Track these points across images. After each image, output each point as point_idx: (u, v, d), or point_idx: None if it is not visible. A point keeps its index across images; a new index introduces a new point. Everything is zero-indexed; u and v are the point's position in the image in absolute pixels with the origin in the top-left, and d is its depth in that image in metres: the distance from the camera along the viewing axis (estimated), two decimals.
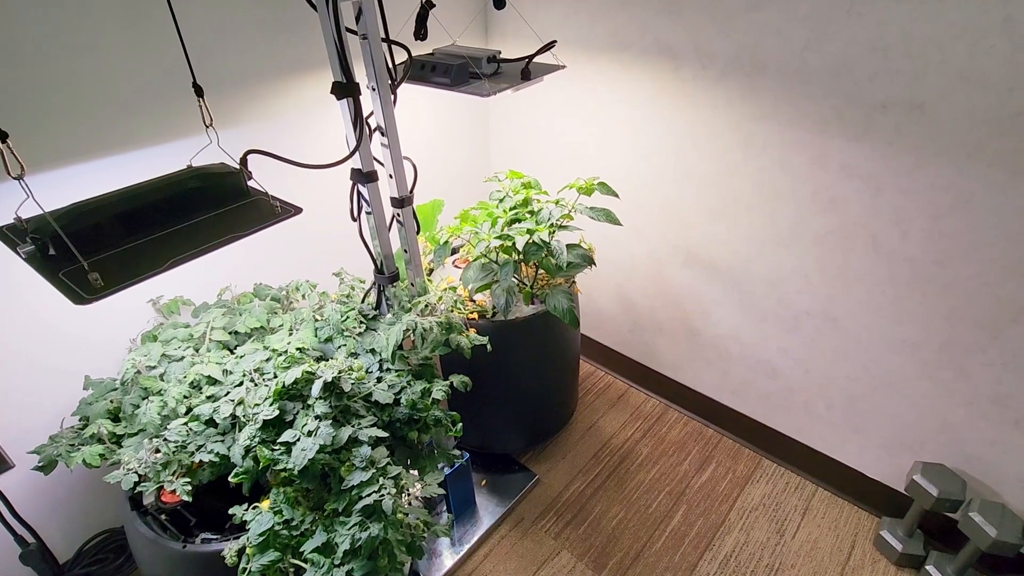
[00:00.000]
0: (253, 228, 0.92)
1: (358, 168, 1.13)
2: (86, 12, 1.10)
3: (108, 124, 1.19)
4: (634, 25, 1.54)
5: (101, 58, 1.14)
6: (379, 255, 1.25)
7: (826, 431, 1.68)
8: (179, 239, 0.89)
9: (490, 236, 1.38)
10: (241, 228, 0.92)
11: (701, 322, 1.83)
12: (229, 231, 0.91)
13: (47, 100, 1.10)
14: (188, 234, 0.90)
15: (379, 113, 1.12)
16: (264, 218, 0.95)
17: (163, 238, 0.89)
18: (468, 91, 1.21)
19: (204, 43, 1.27)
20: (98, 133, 1.18)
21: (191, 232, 0.91)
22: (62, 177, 1.16)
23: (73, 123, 1.14)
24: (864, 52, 1.21)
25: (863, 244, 1.38)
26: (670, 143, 1.62)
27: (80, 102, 1.14)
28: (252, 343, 1.25)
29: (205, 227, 0.92)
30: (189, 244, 0.87)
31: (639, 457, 1.88)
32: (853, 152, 1.31)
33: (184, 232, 0.91)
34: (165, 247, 0.87)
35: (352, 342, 1.24)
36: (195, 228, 0.91)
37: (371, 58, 1.05)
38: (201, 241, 0.88)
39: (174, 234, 0.90)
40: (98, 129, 1.18)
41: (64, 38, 1.09)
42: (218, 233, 0.90)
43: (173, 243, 0.88)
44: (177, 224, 0.91)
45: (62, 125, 1.13)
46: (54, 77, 1.10)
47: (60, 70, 1.10)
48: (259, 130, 1.44)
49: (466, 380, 1.29)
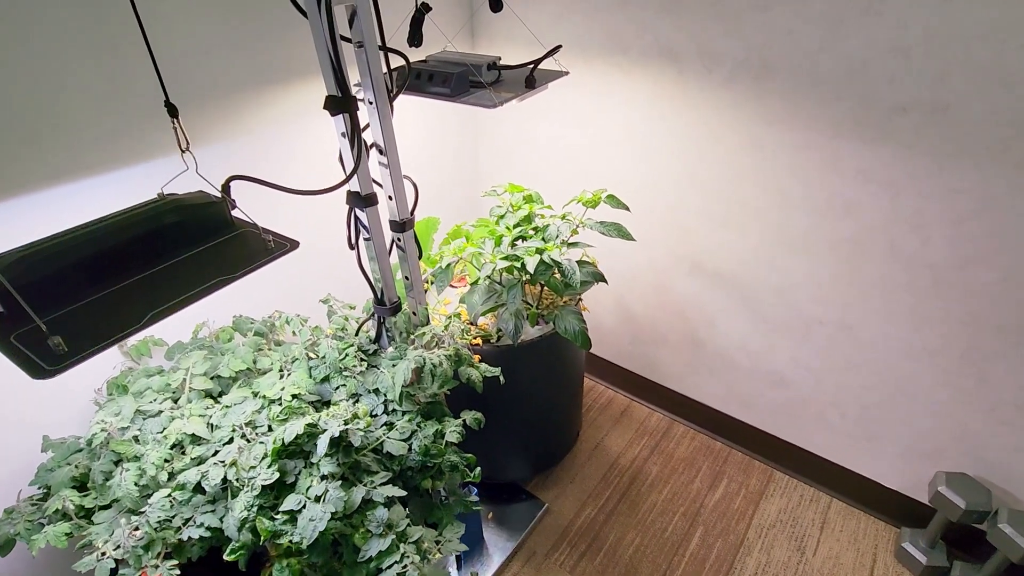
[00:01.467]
0: (244, 269, 0.79)
1: (356, 191, 1.01)
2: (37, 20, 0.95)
3: (63, 146, 1.03)
4: (632, 26, 1.46)
5: (51, 66, 0.99)
6: (379, 285, 1.13)
7: (840, 441, 1.64)
8: (157, 285, 0.76)
9: (495, 257, 1.28)
10: (230, 268, 0.80)
11: (706, 332, 1.77)
12: (216, 273, 0.78)
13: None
14: (167, 279, 0.77)
15: (376, 129, 1.01)
16: (255, 255, 0.83)
17: (138, 285, 0.75)
18: (472, 102, 1.11)
19: (183, 53, 1.13)
20: (51, 157, 1.02)
21: (170, 276, 0.78)
22: (6, 213, 1.00)
23: (17, 146, 0.98)
24: (883, 53, 1.16)
25: (880, 250, 1.34)
26: (672, 149, 1.55)
27: (28, 121, 0.98)
28: (239, 389, 1.11)
29: (187, 269, 0.79)
30: (170, 292, 0.74)
31: (649, 477, 1.81)
32: (870, 156, 1.26)
33: (162, 276, 0.77)
34: (141, 296, 0.73)
35: (353, 382, 1.12)
36: (175, 271, 0.78)
37: (368, 68, 0.94)
38: (184, 287, 0.75)
39: (151, 280, 0.76)
40: (51, 153, 1.02)
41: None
42: (203, 276, 0.78)
43: (150, 291, 0.75)
44: (153, 267, 0.78)
45: (4, 148, 0.97)
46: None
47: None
48: (243, 144, 1.29)
49: (479, 417, 1.18)
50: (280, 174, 1.39)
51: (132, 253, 0.78)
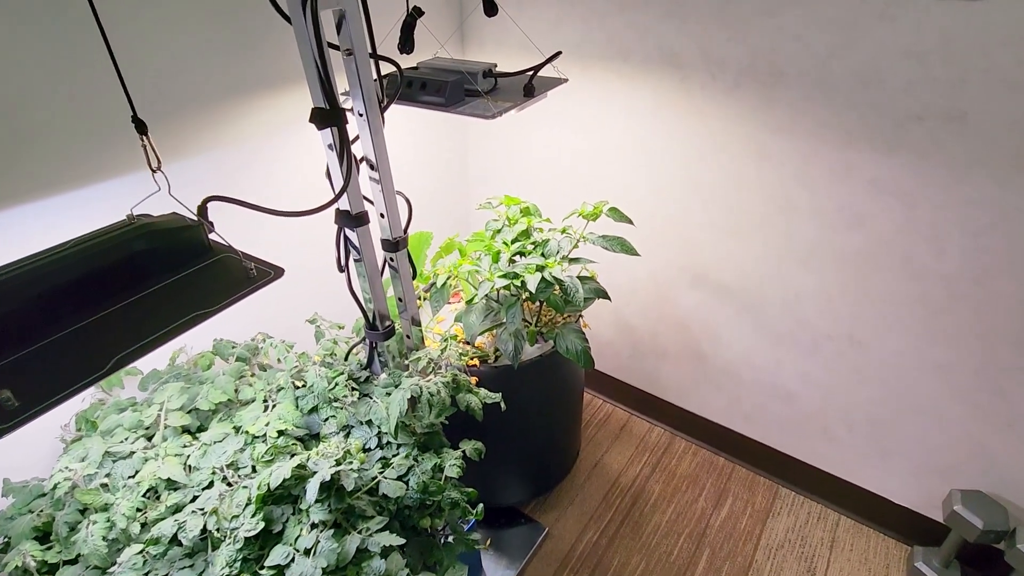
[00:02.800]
0: (222, 302, 0.71)
1: (345, 210, 0.94)
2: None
3: (25, 161, 0.94)
4: (634, 31, 1.40)
5: (12, 79, 0.90)
6: (371, 308, 1.06)
7: (848, 457, 1.59)
8: (125, 322, 0.67)
9: (493, 275, 1.21)
10: (206, 300, 0.72)
11: (709, 346, 1.72)
12: (191, 306, 0.70)
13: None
14: (136, 314, 0.69)
15: (367, 142, 0.93)
16: (234, 284, 0.75)
17: (103, 322, 0.67)
18: (468, 112, 1.04)
19: (161, 63, 1.04)
20: (11, 173, 0.93)
21: (140, 311, 0.69)
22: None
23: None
24: (897, 59, 1.11)
25: (893, 263, 1.29)
26: (675, 157, 1.49)
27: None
28: (219, 423, 1.03)
29: (158, 302, 0.71)
30: (139, 330, 0.66)
31: (652, 496, 1.75)
32: (883, 166, 1.21)
33: (130, 312, 0.69)
34: (106, 336, 0.65)
35: (343, 414, 1.04)
36: (144, 305, 0.70)
37: (358, 78, 0.86)
38: (155, 323, 0.67)
39: (117, 316, 0.68)
40: (12, 168, 0.93)
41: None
42: (176, 310, 0.69)
43: (117, 329, 0.66)
44: (120, 301, 0.70)
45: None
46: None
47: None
48: (225, 157, 1.20)
49: (479, 447, 1.11)
50: (264, 190, 1.31)
51: (95, 286, 0.69)
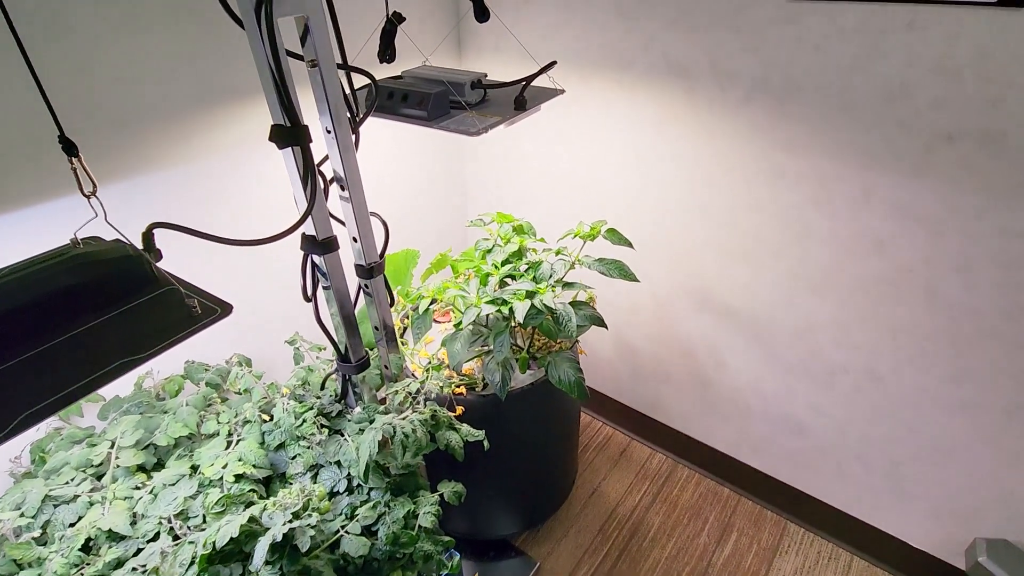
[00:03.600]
0: (154, 348, 0.63)
1: (311, 235, 0.85)
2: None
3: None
4: (637, 38, 1.31)
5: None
6: (342, 340, 0.97)
7: (863, 495, 1.49)
8: (39, 371, 0.59)
9: (480, 300, 1.12)
10: (139, 344, 0.63)
11: (715, 372, 1.62)
12: (120, 351, 0.62)
13: None
14: (55, 360, 0.61)
15: (336, 162, 0.85)
16: (172, 325, 0.67)
17: (14, 371, 0.59)
18: (451, 128, 0.95)
19: (108, 72, 0.97)
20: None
21: (60, 356, 0.61)
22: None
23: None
24: (926, 73, 1.01)
25: (917, 293, 1.19)
26: (680, 175, 1.39)
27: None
28: (176, 461, 0.95)
29: (81, 347, 0.63)
30: (54, 381, 0.58)
31: (651, 528, 1.65)
32: (908, 189, 1.11)
33: (49, 357, 0.61)
34: (14, 387, 0.57)
35: (310, 454, 0.96)
36: (64, 350, 0.62)
37: (324, 91, 0.78)
38: (73, 373, 0.59)
39: (32, 363, 0.60)
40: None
41: None
42: (103, 356, 0.61)
43: (29, 378, 0.58)
44: (38, 345, 0.62)
45: None
46: None
47: None
48: (180, 175, 1.12)
49: (459, 490, 1.02)
50: (226, 210, 1.22)
51: (13, 326, 0.62)
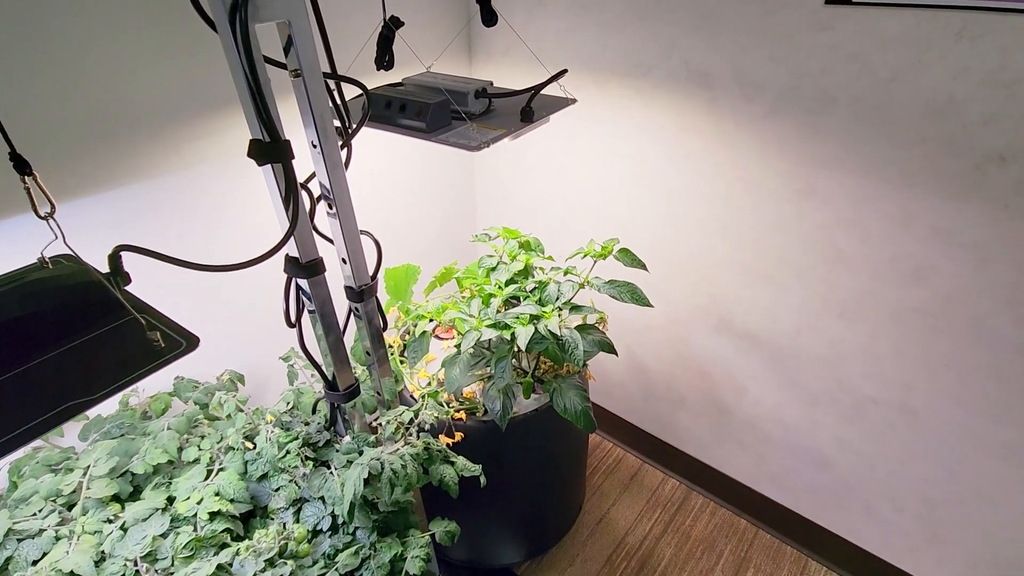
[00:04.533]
0: (106, 389, 0.57)
1: (295, 257, 0.79)
2: None
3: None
4: (656, 43, 1.22)
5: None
6: (330, 367, 0.91)
7: (893, 538, 1.38)
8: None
9: (482, 323, 1.05)
10: (92, 383, 0.58)
11: (733, 398, 1.52)
12: (71, 391, 0.56)
13: None
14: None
15: (324, 178, 0.79)
16: (132, 360, 0.61)
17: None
18: (450, 142, 0.88)
19: (78, 76, 0.91)
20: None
21: (4, 395, 0.56)
22: None
23: None
24: (977, 87, 0.91)
25: (959, 326, 1.08)
26: (700, 191, 1.31)
27: None
28: (152, 491, 0.90)
29: (29, 386, 0.57)
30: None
31: (662, 561, 1.56)
32: (952, 213, 1.01)
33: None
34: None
35: (293, 488, 0.89)
36: (8, 389, 0.56)
37: (308, 103, 0.72)
38: (14, 419, 0.53)
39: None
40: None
41: None
42: (47, 399, 0.56)
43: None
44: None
45: None
46: None
47: None
48: (157, 189, 1.04)
49: (452, 530, 0.95)
50: (206, 225, 1.16)
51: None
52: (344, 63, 1.14)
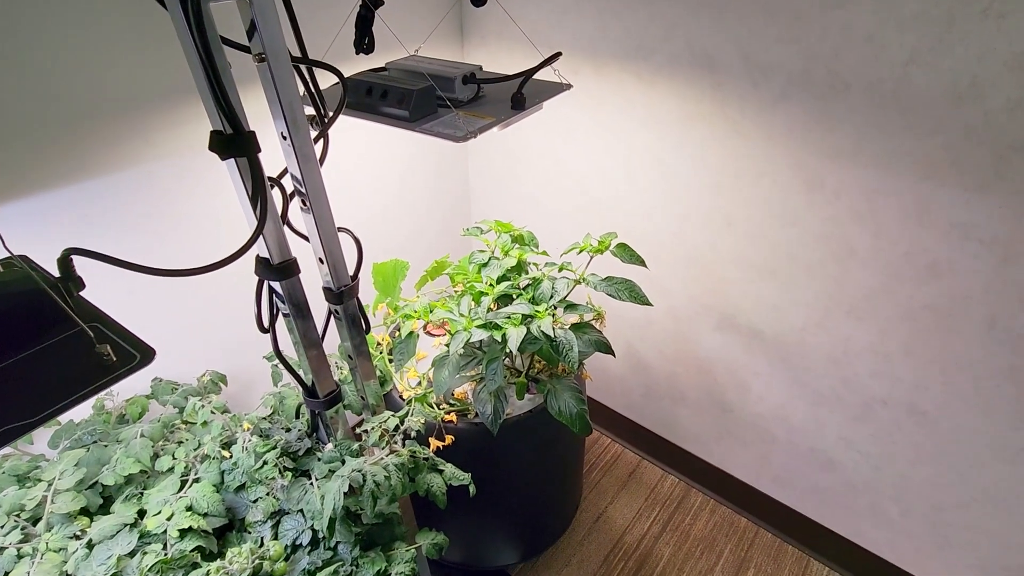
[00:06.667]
0: (49, 408, 0.52)
1: (265, 258, 0.73)
2: None
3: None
4: (659, 26, 1.15)
5: None
6: (308, 374, 0.86)
7: (899, 540, 1.34)
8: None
9: (471, 323, 1.00)
10: (32, 405, 0.52)
11: (736, 396, 1.47)
12: (4, 416, 0.51)
13: None
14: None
15: (296, 172, 0.73)
16: (80, 377, 0.55)
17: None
18: (435, 131, 0.82)
19: (32, 63, 0.85)
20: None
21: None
22: None
23: None
24: (1004, 70, 0.84)
25: (976, 325, 1.03)
26: (704, 181, 1.24)
27: None
28: (123, 504, 0.85)
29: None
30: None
31: (660, 560, 1.52)
32: (972, 207, 0.95)
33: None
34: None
35: (271, 501, 0.85)
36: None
37: (275, 91, 0.65)
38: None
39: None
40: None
41: None
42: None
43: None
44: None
45: None
46: None
47: None
48: (122, 182, 0.99)
49: (440, 542, 0.91)
50: (176, 222, 1.09)
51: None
52: (321, 47, 1.08)
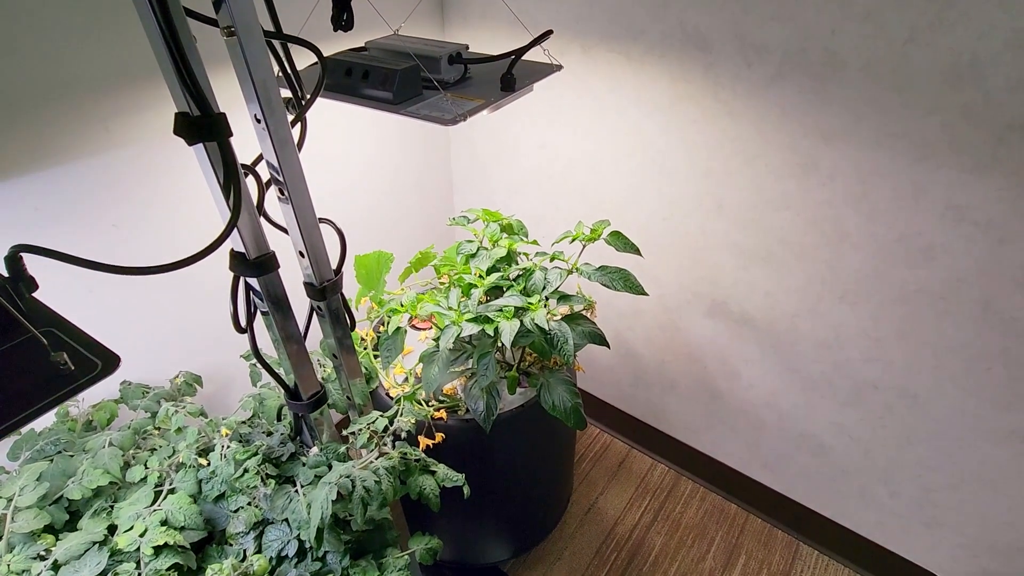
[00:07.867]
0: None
1: (241, 252, 0.68)
2: None
3: None
4: (649, 4, 1.11)
5: None
6: (290, 375, 0.80)
7: (887, 521, 1.35)
8: None
9: (462, 318, 0.95)
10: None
11: (726, 383, 1.46)
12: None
13: None
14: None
15: (273, 158, 0.67)
16: (33, 389, 0.50)
17: None
18: (421, 115, 0.76)
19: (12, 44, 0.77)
20: None
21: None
22: None
23: None
24: (1005, 48, 0.83)
25: (969, 308, 1.02)
26: (695, 164, 1.21)
27: None
28: (92, 519, 0.79)
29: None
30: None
31: (652, 550, 1.52)
32: (969, 189, 0.94)
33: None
34: None
35: (253, 512, 0.80)
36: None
37: (247, 69, 0.59)
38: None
39: None
40: None
41: None
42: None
43: None
44: None
45: None
46: None
47: None
48: (83, 172, 0.93)
49: (434, 546, 0.87)
50: (141, 214, 1.02)
51: None
52: (297, 22, 1.01)
